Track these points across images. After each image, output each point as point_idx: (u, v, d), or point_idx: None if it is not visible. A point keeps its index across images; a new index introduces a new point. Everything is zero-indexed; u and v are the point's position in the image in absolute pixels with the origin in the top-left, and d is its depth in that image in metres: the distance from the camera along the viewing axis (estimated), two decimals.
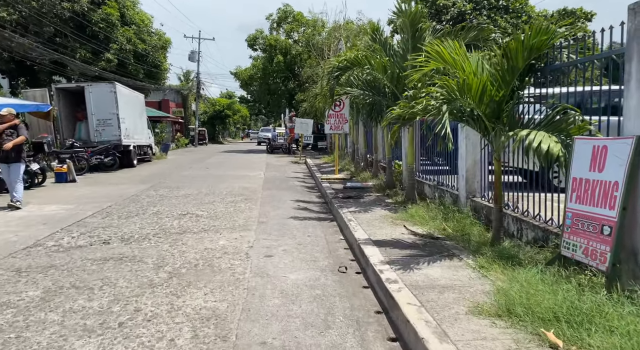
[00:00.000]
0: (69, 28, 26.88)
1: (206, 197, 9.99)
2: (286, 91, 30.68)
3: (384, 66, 7.62)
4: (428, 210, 6.71)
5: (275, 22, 31.07)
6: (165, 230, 6.70)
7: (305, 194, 10.61)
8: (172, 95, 47.66)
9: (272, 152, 29.03)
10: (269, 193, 10.65)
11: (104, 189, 11.41)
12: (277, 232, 6.61)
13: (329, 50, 25.45)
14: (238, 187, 11.69)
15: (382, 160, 12.14)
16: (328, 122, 12.21)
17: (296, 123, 22.04)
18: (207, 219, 7.50)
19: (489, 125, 4.77)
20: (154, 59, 30.80)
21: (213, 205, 8.85)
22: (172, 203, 9.13)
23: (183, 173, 15.50)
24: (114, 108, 16.11)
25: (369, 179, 11.22)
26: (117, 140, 16.23)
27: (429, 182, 8.33)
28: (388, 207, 7.69)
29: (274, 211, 8.29)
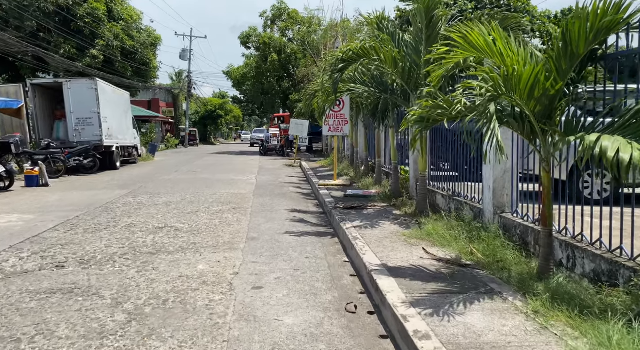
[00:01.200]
0: (52, 22, 25.68)
1: (189, 205, 8.91)
2: (280, 91, 29.64)
3: (394, 59, 6.61)
4: (448, 227, 5.70)
5: (269, 20, 30.04)
6: (136, 249, 5.63)
7: (302, 203, 9.57)
8: (163, 95, 46.45)
9: (266, 154, 27.96)
10: (261, 201, 9.60)
11: (77, 195, 10.30)
12: (269, 252, 5.57)
13: (325, 49, 24.46)
14: (227, 193, 10.63)
15: (386, 166, 11.14)
16: (326, 123, 11.19)
17: (291, 124, 21.02)
18: (187, 234, 6.44)
19: (538, 127, 3.77)
20: (143, 57, 29.63)
21: (196, 216, 7.78)
22: (150, 213, 8.05)
23: (168, 177, 14.40)
24: (95, 106, 14.98)
25: (372, 186, 10.20)
26: (98, 140, 15.10)
27: (442, 192, 7.32)
28: (397, 221, 6.67)
29: (266, 224, 7.25)
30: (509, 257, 4.50)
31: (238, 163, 21.29)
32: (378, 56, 6.59)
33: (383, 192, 9.09)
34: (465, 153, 6.82)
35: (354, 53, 6.56)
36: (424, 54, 6.76)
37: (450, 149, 7.19)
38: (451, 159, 7.28)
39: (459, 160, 7.10)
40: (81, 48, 26.18)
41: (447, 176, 7.44)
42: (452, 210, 6.76)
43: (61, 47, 25.52)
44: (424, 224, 6.14)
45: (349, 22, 24.70)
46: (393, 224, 6.48)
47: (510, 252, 4.63)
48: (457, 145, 7.05)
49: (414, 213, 7.07)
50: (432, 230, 5.61)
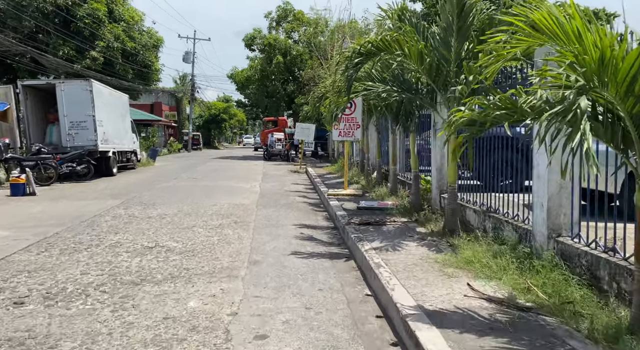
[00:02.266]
0: (51, 24, 24.97)
1: (186, 218, 8.01)
2: (285, 94, 28.79)
3: (420, 53, 5.69)
4: (489, 252, 4.75)
5: (274, 21, 29.24)
6: (117, 276, 4.72)
7: (310, 215, 8.65)
8: (166, 98, 45.73)
9: (270, 159, 27.08)
10: (265, 213, 8.68)
11: (64, 206, 9.42)
12: (274, 281, 4.64)
13: (332, 50, 23.59)
14: (228, 204, 9.72)
15: (402, 174, 10.21)
16: (336, 127, 10.27)
17: (297, 128, 20.16)
18: (179, 256, 5.53)
19: (635, 134, 2.83)
20: (144, 59, 28.86)
21: (192, 233, 6.87)
22: (141, 228, 7.15)
23: (166, 184, 13.52)
24: (90, 109, 14.13)
25: (387, 197, 9.26)
26: (93, 145, 14.24)
27: (474, 206, 6.38)
28: (425, 242, 5.72)
29: (271, 242, 6.33)
30: (577, 297, 3.56)
31: (241, 169, 20.41)
32: (401, 50, 5.68)
33: (401, 205, 8.15)
34: (494, 161, 5.90)
35: (373, 46, 5.65)
36: (454, 48, 5.85)
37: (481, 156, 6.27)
38: (481, 167, 6.36)
39: (486, 169, 6.20)
40: (81, 50, 25.45)
41: (478, 186, 6.50)
42: (488, 229, 5.81)
43: (60, 48, 24.78)
44: (457, 247, 5.21)
45: (356, 23, 23.86)
46: (420, 246, 5.53)
47: (576, 289, 3.68)
48: (488, 152, 6.13)
49: (441, 232, 6.13)
50: (471, 257, 4.67)
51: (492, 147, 6.10)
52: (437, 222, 6.70)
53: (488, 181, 6.32)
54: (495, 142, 6.04)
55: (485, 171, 6.33)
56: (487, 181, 6.35)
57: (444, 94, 6.04)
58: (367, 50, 5.70)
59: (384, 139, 11.68)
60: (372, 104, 10.33)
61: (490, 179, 6.23)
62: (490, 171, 6.17)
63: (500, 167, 5.94)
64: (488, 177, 6.30)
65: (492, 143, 6.13)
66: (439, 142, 7.64)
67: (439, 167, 7.69)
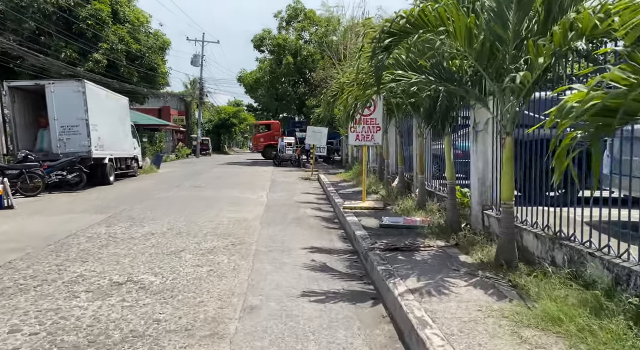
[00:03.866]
0: (53, 25, 24.06)
1: (176, 239, 6.70)
2: (296, 96, 27.52)
3: (469, 31, 4.31)
4: (580, 302, 3.33)
5: (284, 21, 28.04)
6: (57, 337, 3.40)
7: (323, 234, 7.28)
8: (175, 103, 44.85)
9: (280, 165, 25.81)
10: (270, 232, 7.34)
11: (39, 223, 8.19)
12: (276, 345, 3.29)
13: (345, 50, 22.29)
14: (228, 219, 8.40)
15: (430, 184, 8.79)
16: (353, 130, 8.91)
17: (308, 132, 18.85)
18: (152, 299, 4.20)
19: None
20: (150, 61, 27.85)
21: (178, 260, 5.55)
22: (117, 254, 5.85)
23: (165, 194, 12.26)
24: (82, 112, 12.98)
25: (414, 211, 7.85)
26: (86, 151, 13.07)
27: (534, 229, 4.95)
28: (477, 280, 4.31)
29: (275, 275, 4.98)
30: None
31: (249, 176, 19.13)
32: (444, 26, 4.30)
33: (433, 222, 6.74)
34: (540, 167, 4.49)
35: (408, 22, 4.28)
36: (512, 24, 4.45)
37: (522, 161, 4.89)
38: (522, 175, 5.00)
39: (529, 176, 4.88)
40: (83, 52, 24.49)
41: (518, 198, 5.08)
42: (559, 262, 4.38)
43: (62, 51, 23.84)
44: (525, 290, 3.81)
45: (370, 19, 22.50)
46: (473, 286, 4.13)
47: None
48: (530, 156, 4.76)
49: (494, 263, 4.72)
50: (556, 312, 3.25)
51: (536, 151, 4.90)
52: (484, 248, 5.29)
53: (530, 192, 5.06)
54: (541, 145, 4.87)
55: (526, 179, 5.08)
56: (529, 192, 5.09)
57: (497, 84, 4.64)
58: (399, 29, 4.34)
59: (406, 143, 10.29)
60: (395, 102, 8.95)
61: (533, 190, 5.02)
62: (533, 180, 4.94)
63: (547, 175, 4.72)
64: (531, 187, 5.02)
65: (536, 146, 4.94)
66: (481, 146, 6.23)
67: (481, 177, 6.28)
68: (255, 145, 35.37)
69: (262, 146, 34.14)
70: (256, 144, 35.04)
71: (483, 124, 6.20)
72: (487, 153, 6.21)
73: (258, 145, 34.67)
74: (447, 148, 6.46)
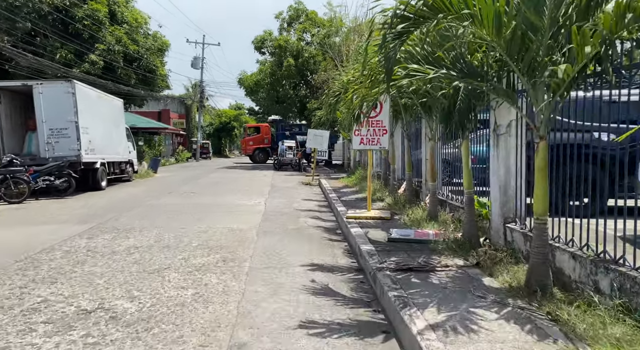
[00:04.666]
0: (48, 26, 23.49)
1: (161, 254, 6.03)
2: (297, 99, 26.88)
3: (498, 18, 3.65)
4: None
5: (285, 22, 27.44)
6: None
7: (325, 248, 6.60)
8: (175, 106, 44.29)
9: (280, 169, 25.15)
10: (267, 244, 6.66)
11: (12, 234, 7.54)
12: None
13: (348, 50, 21.67)
14: (222, 230, 7.73)
15: (440, 192, 8.11)
16: (357, 133, 8.24)
17: (309, 135, 18.21)
18: (122, 333, 3.52)
19: None
20: (149, 63, 27.24)
21: (161, 280, 4.88)
22: (92, 273, 5.18)
23: (157, 201, 11.60)
24: (72, 114, 12.34)
25: (425, 222, 7.16)
26: (75, 155, 12.42)
27: (569, 248, 4.27)
28: (509, 311, 3.62)
29: (269, 301, 4.30)
30: None
31: (248, 181, 18.47)
32: (469, 11, 3.64)
33: (449, 236, 6.06)
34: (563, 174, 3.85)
35: (424, 4, 3.61)
36: (549, 11, 3.79)
37: None
38: None
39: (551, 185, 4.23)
40: (79, 53, 23.89)
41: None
42: (604, 288, 3.70)
43: (57, 52, 23.25)
44: (571, 328, 3.13)
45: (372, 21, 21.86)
46: (505, 321, 3.44)
47: None
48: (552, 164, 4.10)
49: (525, 288, 4.03)
50: None
51: (559, 156, 4.28)
52: (510, 269, 4.62)
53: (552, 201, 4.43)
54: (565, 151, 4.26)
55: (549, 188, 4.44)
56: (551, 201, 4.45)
57: (528, 80, 3.97)
58: (415, 12, 3.67)
59: (414, 147, 9.62)
60: (403, 103, 8.29)
61: (555, 199, 4.42)
62: (556, 187, 4.33)
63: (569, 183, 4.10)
64: (552, 196, 4.37)
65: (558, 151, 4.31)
66: (503, 151, 5.56)
67: (503, 185, 5.60)
68: (244, 148, 34.01)
69: (252, 150, 32.92)
70: (245, 148, 33.68)
71: (505, 126, 5.54)
72: (509, 159, 5.54)
73: (247, 148, 33.31)
74: (464, 153, 5.78)
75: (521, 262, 4.87)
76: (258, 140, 32.95)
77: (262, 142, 32.92)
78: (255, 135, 32.96)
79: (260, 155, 32.70)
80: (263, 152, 32.86)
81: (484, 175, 6.97)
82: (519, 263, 4.85)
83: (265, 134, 33.04)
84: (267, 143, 33.03)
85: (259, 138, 32.98)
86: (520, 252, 5.10)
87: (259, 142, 32.88)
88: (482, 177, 7.07)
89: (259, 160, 32.53)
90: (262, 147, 32.86)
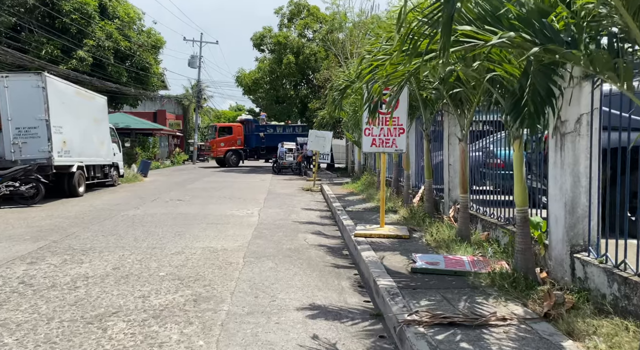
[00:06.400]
0: (34, 20, 22.13)
1: (114, 288, 4.59)
2: (297, 99, 25.47)
3: None
4: None
5: (285, 18, 26.07)
6: None
7: (329, 278, 5.15)
8: (172, 106, 42.91)
9: (279, 172, 23.72)
10: (255, 274, 5.22)
11: None
12: None
13: (352, 46, 20.27)
14: (202, 250, 6.29)
15: (475, 207, 6.65)
16: (369, 132, 6.79)
17: (310, 137, 16.80)
18: None
19: None
20: (141, 60, 25.87)
21: (99, 335, 3.44)
22: (6, 322, 3.73)
23: (135, 211, 10.16)
24: (42, 111, 10.93)
25: (455, 245, 5.69)
26: (46, 158, 11.00)
27: None
28: None
29: None
30: None
31: (244, 185, 17.03)
32: None
33: (490, 266, 4.61)
34: None
35: None
36: None
37: None
38: None
39: None
40: (67, 49, 22.52)
41: None
42: None
43: (43, 47, 21.88)
44: None
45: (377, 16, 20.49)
46: None
47: None
48: None
49: None
50: None
51: None
52: (599, 325, 3.17)
53: None
54: None
55: None
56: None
57: None
58: None
59: (436, 149, 8.17)
60: (425, 96, 6.85)
61: None
62: None
63: None
64: None
65: None
66: (570, 156, 4.13)
67: (569, 201, 4.15)
68: (214, 150, 30.38)
69: (223, 152, 30.05)
70: (215, 149, 30.25)
71: (574, 122, 4.10)
72: (578, 166, 4.10)
73: (217, 150, 30.23)
74: (517, 157, 4.32)
75: (608, 313, 3.42)
76: (230, 141, 30.27)
77: (235, 143, 30.29)
78: (227, 136, 30.27)
79: (233, 158, 30.10)
80: (236, 154, 30.35)
81: (508, 183, 5.73)
82: (602, 313, 3.41)
83: (238, 135, 30.50)
84: (240, 145, 30.52)
85: (231, 139, 30.33)
86: (602, 296, 3.66)
87: (231, 143, 30.25)
88: (511, 185, 5.83)
89: (232, 163, 29.97)
90: (235, 148, 30.26)
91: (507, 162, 6.15)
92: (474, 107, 5.51)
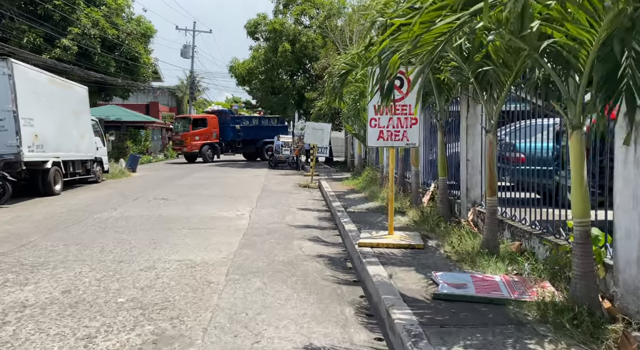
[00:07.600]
0: (14, 7, 20.92)
1: (53, 324, 3.56)
2: (294, 89, 24.34)
3: None
4: None
5: (281, 4, 24.85)
6: None
7: (331, 305, 4.14)
8: (165, 98, 41.68)
9: (275, 167, 22.67)
10: (237, 300, 4.20)
11: None
12: None
13: (352, 33, 19.16)
14: (176, 266, 5.26)
15: (505, 213, 5.62)
16: (375, 123, 5.75)
17: (307, 129, 15.76)
18: None
19: None
20: (130, 49, 24.69)
21: None
22: None
23: (113, 212, 9.12)
24: (9, 101, 9.86)
25: (482, 258, 4.66)
26: (14, 153, 9.94)
27: None
28: None
29: None
30: None
31: (236, 181, 15.99)
32: None
33: (533, 291, 3.60)
34: None
35: None
36: None
37: None
38: None
39: None
40: (50, 38, 21.33)
41: None
42: None
43: (24, 36, 20.69)
44: None
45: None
46: None
47: None
48: None
49: None
50: None
51: None
52: None
53: None
54: None
55: None
56: None
57: None
58: None
59: (453, 142, 7.14)
60: (442, 80, 5.81)
61: None
62: None
63: None
64: None
65: None
66: None
67: None
68: (189, 144, 27.61)
69: (198, 146, 27.67)
70: (189, 143, 27.57)
71: None
72: None
73: (192, 144, 27.59)
74: (576, 153, 3.29)
75: None
76: (205, 134, 28.13)
77: (210, 136, 28.30)
78: (202, 129, 28.08)
79: (209, 153, 28.06)
80: (212, 148, 28.39)
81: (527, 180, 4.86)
82: None
83: (214, 127, 28.54)
84: (216, 138, 28.67)
85: (206, 132, 28.20)
86: None
87: (206, 136, 28.14)
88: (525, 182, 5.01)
89: (209, 158, 27.96)
90: (211, 142, 28.27)
91: (540, 156, 5.18)
92: (507, 90, 4.48)
